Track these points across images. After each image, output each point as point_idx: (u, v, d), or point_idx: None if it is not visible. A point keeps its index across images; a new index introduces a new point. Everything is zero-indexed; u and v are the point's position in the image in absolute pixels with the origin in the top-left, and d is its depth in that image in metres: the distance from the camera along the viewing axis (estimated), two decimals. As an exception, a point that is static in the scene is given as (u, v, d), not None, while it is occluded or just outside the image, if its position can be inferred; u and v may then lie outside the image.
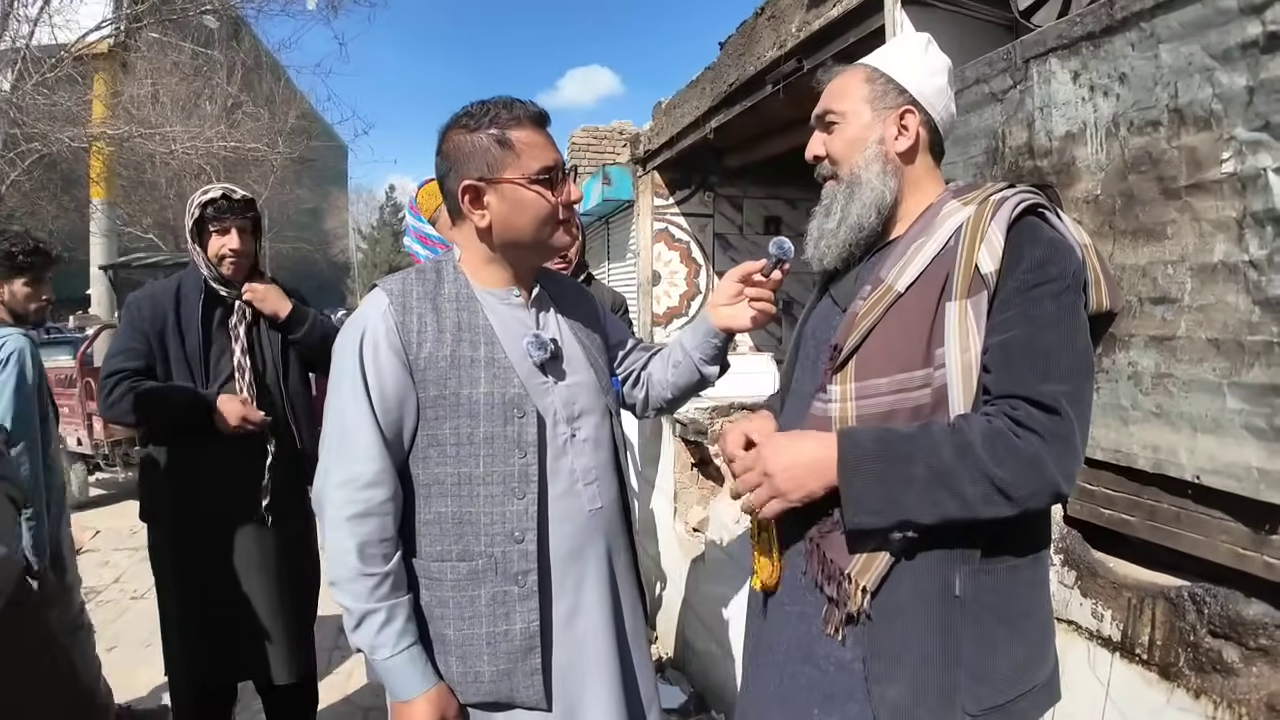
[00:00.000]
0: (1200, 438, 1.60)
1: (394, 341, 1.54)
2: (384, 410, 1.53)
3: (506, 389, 1.57)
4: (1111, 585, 1.77)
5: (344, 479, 1.52)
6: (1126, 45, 1.72)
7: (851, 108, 1.51)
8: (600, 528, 1.68)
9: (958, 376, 1.31)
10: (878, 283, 1.42)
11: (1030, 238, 1.34)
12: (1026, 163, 2.01)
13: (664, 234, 7.60)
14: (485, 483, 1.55)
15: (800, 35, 4.47)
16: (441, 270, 1.65)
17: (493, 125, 1.54)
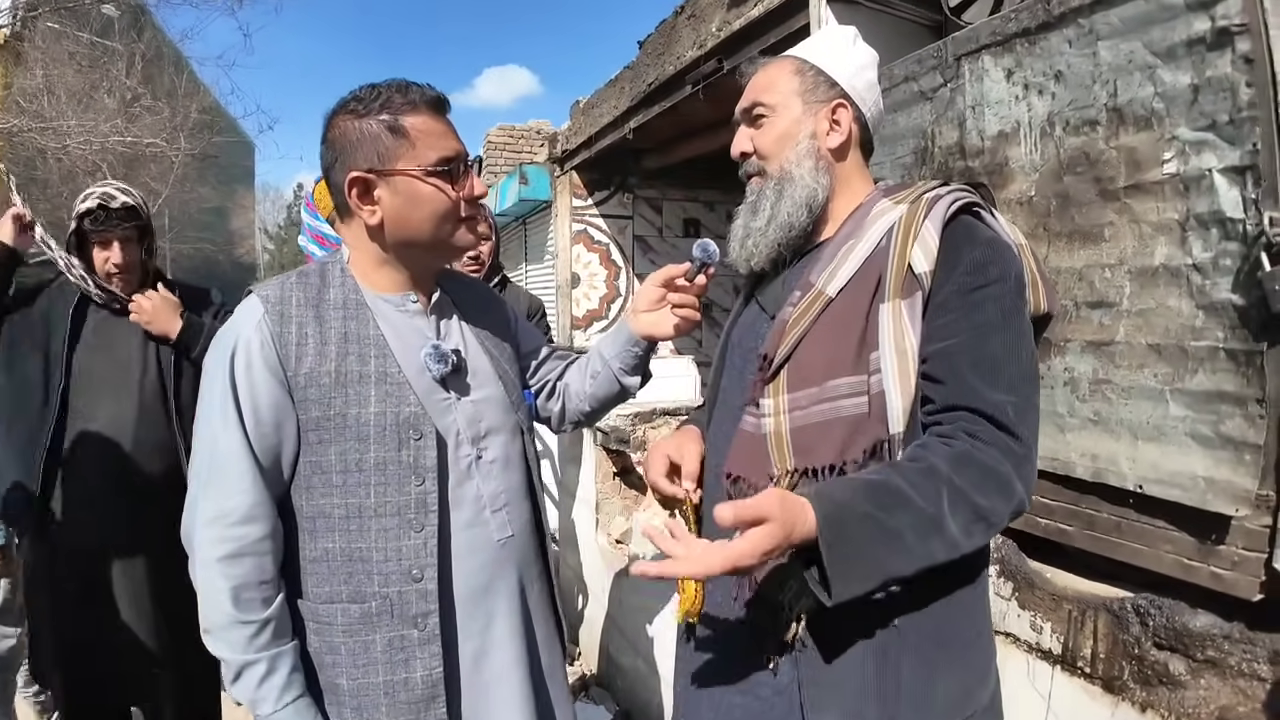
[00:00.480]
0: (1142, 445, 1.56)
1: (269, 356, 1.35)
2: (259, 435, 1.35)
3: (401, 408, 1.39)
4: (1050, 596, 1.72)
5: (214, 514, 1.33)
6: (1063, 42, 1.68)
7: (781, 101, 1.41)
8: (511, 559, 1.51)
9: (895, 380, 1.21)
10: (807, 287, 1.33)
11: (967, 237, 1.26)
12: (957, 163, 1.95)
13: (583, 235, 7.47)
14: (377, 515, 1.37)
15: (720, 35, 4.41)
16: (327, 274, 1.46)
17: (384, 110, 1.37)
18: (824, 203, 1.39)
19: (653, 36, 5.44)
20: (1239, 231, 1.39)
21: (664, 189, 7.61)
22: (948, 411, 1.21)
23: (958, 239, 1.25)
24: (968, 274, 1.23)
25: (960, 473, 1.14)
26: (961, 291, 1.22)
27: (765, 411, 1.31)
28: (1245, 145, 1.37)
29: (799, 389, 1.28)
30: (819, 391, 1.27)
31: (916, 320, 1.22)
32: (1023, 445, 1.18)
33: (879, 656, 1.23)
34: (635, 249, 7.61)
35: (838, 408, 1.26)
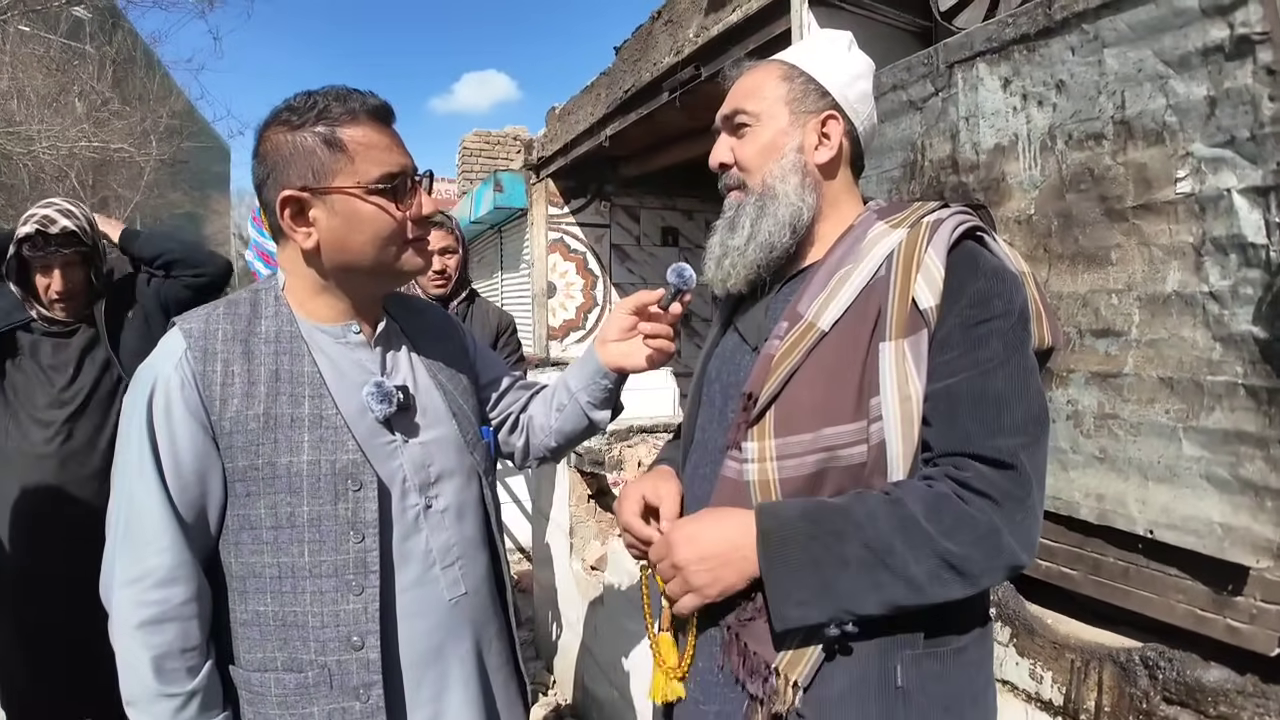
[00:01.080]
0: (1153, 487, 1.44)
1: (191, 398, 1.21)
2: (180, 487, 1.20)
3: (337, 455, 1.24)
4: (1052, 644, 1.60)
5: (133, 575, 1.18)
6: (1066, 49, 1.56)
7: (767, 109, 1.27)
8: (465, 618, 1.35)
9: (897, 429, 1.10)
10: (796, 318, 1.19)
11: (970, 267, 1.14)
12: (949, 178, 1.83)
13: (559, 244, 7.34)
14: (312, 575, 1.22)
15: (698, 41, 4.29)
16: (259, 303, 1.30)
17: (320, 121, 1.22)
18: (809, 223, 1.26)
19: (629, 43, 5.32)
20: (1261, 258, 1.27)
21: (641, 197, 7.50)
22: (946, 456, 1.09)
23: (962, 268, 1.13)
24: (971, 307, 1.10)
25: (932, 514, 1.04)
26: (964, 326, 1.10)
27: (749, 457, 1.18)
28: (1268, 164, 1.26)
29: (789, 434, 1.15)
30: (813, 439, 1.14)
31: (922, 361, 1.10)
32: (1020, 490, 1.06)
33: None
34: (612, 258, 7.48)
35: (834, 457, 1.13)
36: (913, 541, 1.04)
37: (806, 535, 1.08)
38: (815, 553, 1.07)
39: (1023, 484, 1.06)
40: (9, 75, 13.67)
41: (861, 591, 1.06)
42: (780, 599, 1.08)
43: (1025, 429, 1.08)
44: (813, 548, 1.07)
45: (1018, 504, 1.05)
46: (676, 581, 1.17)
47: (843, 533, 1.06)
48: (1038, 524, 1.08)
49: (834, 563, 1.06)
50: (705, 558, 1.14)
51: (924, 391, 1.10)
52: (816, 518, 1.09)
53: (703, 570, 1.14)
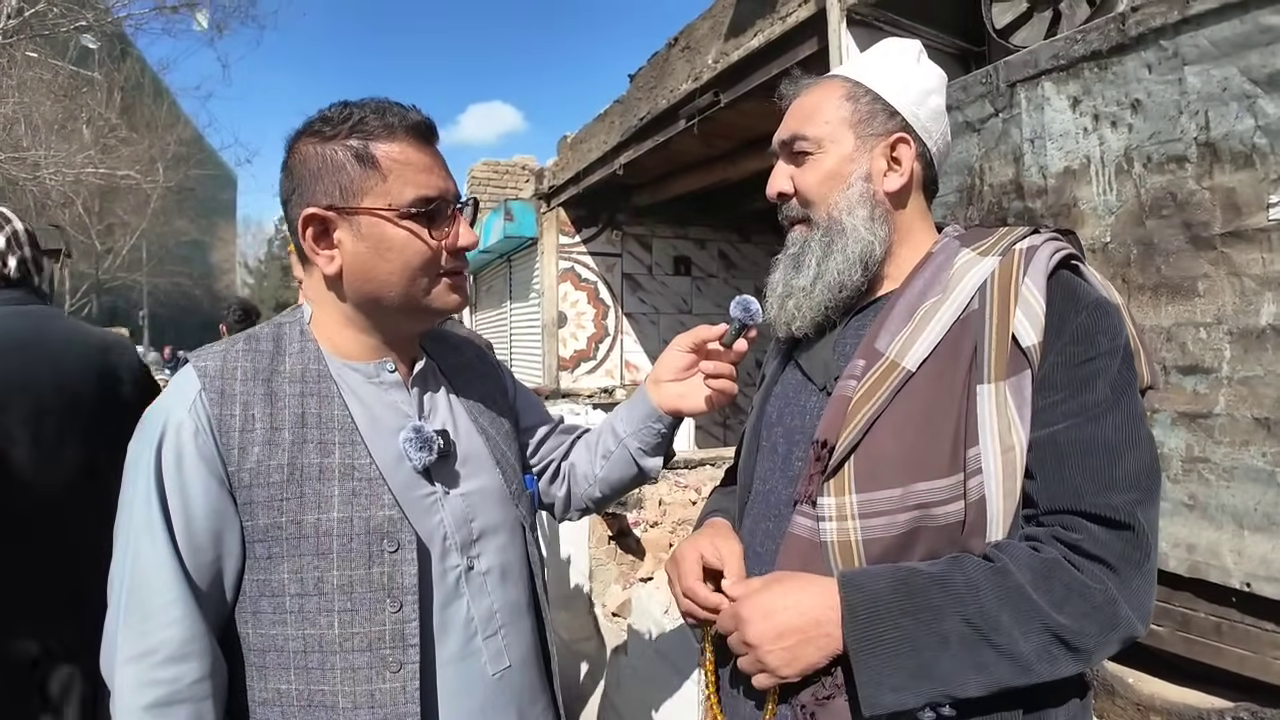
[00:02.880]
0: (1249, 536, 1.33)
1: (205, 447, 1.06)
2: (192, 549, 1.06)
3: (371, 511, 1.09)
4: (1135, 706, 1.48)
5: (137, 651, 1.03)
6: (1142, 67, 1.47)
7: (830, 133, 1.15)
8: (510, 695, 1.20)
9: (998, 484, 0.97)
10: (874, 356, 1.07)
11: (1070, 299, 1.02)
12: (1013, 203, 1.74)
13: (570, 273, 7.27)
14: (343, 650, 1.07)
15: (718, 67, 4.24)
16: (282, 337, 1.17)
17: (354, 134, 1.09)
18: (882, 258, 1.14)
19: (644, 69, 5.27)
20: (1375, 288, 1.17)
21: (653, 226, 7.44)
22: (1053, 514, 0.97)
23: (1061, 301, 1.01)
24: (1074, 344, 0.99)
25: (1041, 583, 0.92)
26: (1067, 365, 0.98)
27: (826, 514, 1.04)
28: (1385, 187, 1.15)
29: (874, 489, 1.02)
30: (902, 495, 1.01)
31: (1025, 406, 0.98)
32: (1138, 553, 0.94)
33: None
34: (624, 287, 7.41)
35: (927, 516, 1.00)
36: (1021, 615, 0.92)
37: (900, 610, 0.95)
38: (910, 630, 0.94)
39: (1140, 546, 0.94)
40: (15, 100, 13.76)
41: (963, 672, 0.93)
42: (872, 683, 0.95)
43: (1139, 482, 0.96)
44: (907, 624, 0.94)
45: (1135, 569, 0.94)
46: (749, 660, 1.03)
47: (941, 607, 0.93)
48: (1154, 590, 0.96)
49: (932, 642, 0.93)
50: (783, 634, 1.01)
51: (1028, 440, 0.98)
52: (911, 589, 0.95)
53: (780, 649, 1.01)
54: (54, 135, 14.18)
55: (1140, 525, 0.93)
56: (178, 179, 20.03)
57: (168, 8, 11.93)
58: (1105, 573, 0.92)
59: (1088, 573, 0.92)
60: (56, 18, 11.57)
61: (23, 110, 13.60)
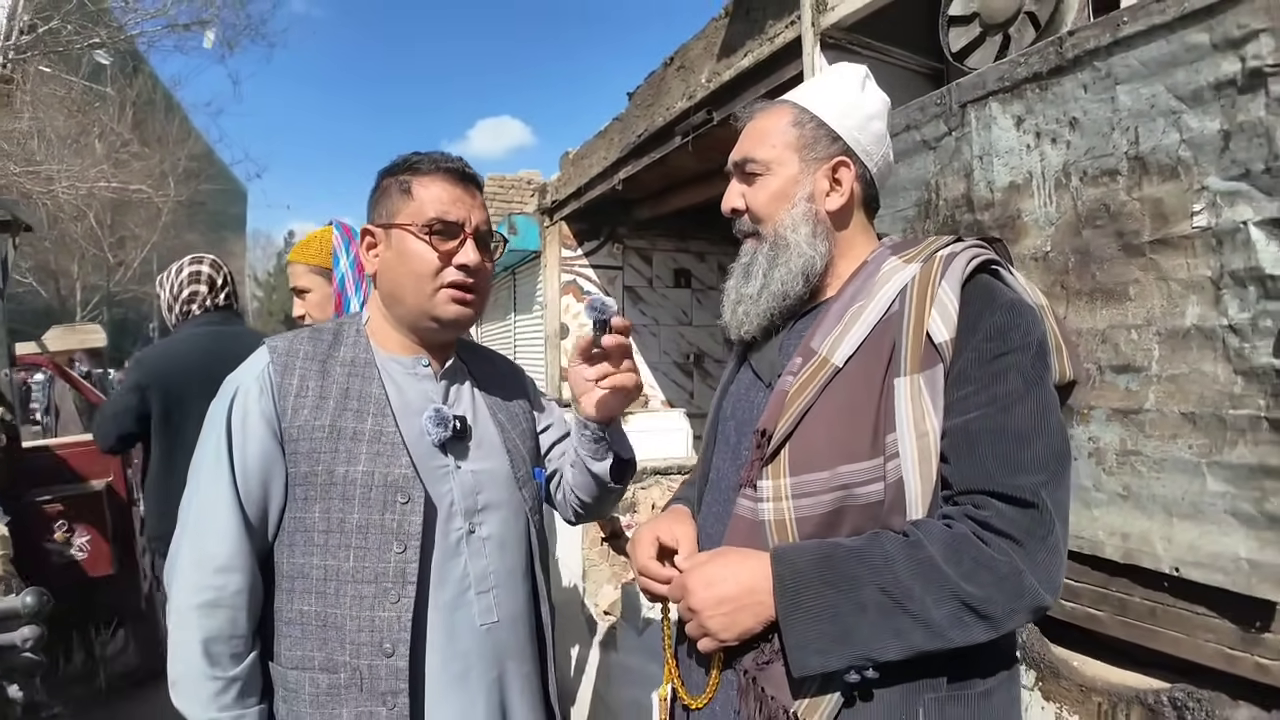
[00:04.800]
0: (1178, 524, 1.42)
1: (266, 406, 1.34)
2: (246, 485, 1.32)
3: (390, 469, 1.32)
4: (1079, 687, 1.57)
5: (195, 559, 1.30)
6: (1078, 87, 1.57)
7: (776, 156, 1.27)
8: (493, 648, 1.38)
9: (914, 466, 1.08)
10: (809, 354, 1.19)
11: (987, 300, 1.13)
12: (964, 216, 1.84)
13: (572, 286, 7.38)
14: (354, 580, 1.30)
15: (710, 86, 4.35)
16: (341, 332, 1.46)
17: (405, 171, 1.40)
18: (823, 270, 1.26)
19: (642, 88, 5.39)
20: None
21: (654, 239, 7.55)
22: (965, 494, 1.07)
23: (977, 302, 1.13)
24: (987, 340, 1.10)
25: (951, 556, 1.03)
26: (981, 360, 1.09)
27: (764, 496, 1.16)
28: (1284, 196, 1.25)
29: (805, 472, 1.14)
30: (829, 477, 1.12)
31: (938, 396, 1.09)
32: (1042, 529, 1.04)
33: None
34: (625, 300, 7.51)
35: (851, 495, 1.11)
36: (932, 585, 1.02)
37: (822, 581, 1.06)
38: (832, 599, 1.05)
39: (1045, 523, 1.04)
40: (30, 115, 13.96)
41: (881, 637, 1.04)
42: (798, 647, 1.06)
43: (1046, 465, 1.06)
44: (829, 594, 1.05)
45: (1040, 543, 1.04)
46: (693, 625, 1.15)
47: (859, 578, 1.05)
48: (1061, 563, 1.06)
49: (852, 609, 1.04)
50: (722, 601, 1.12)
51: (941, 427, 1.09)
52: (833, 562, 1.07)
53: (719, 615, 1.12)
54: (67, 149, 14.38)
55: (1044, 504, 1.04)
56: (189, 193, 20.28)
57: (179, 25, 12.11)
58: (1011, 546, 1.02)
59: (995, 547, 1.02)
60: (70, 34, 11.76)
61: (36, 125, 13.81)
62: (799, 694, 1.09)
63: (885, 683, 1.08)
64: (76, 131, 15.22)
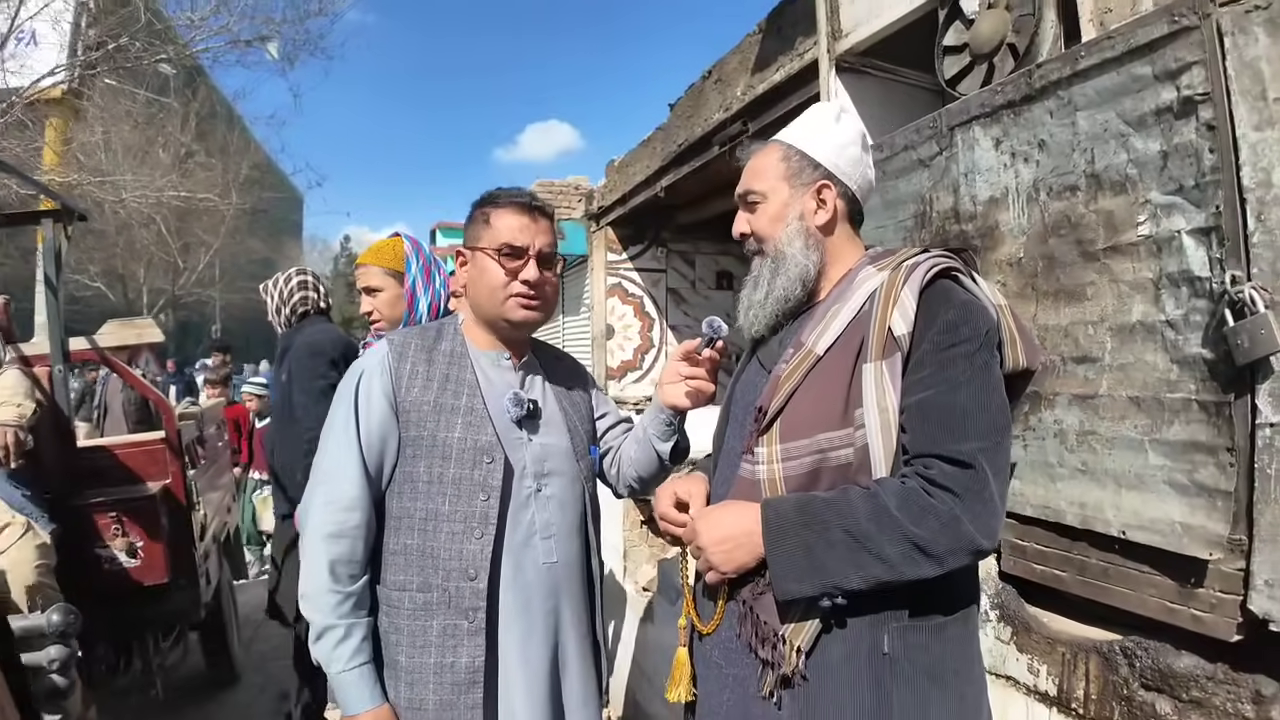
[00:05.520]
0: (1125, 494, 1.63)
1: (385, 384, 1.71)
2: (368, 444, 1.68)
3: (479, 436, 1.70)
4: (1046, 640, 1.78)
5: (326, 499, 1.67)
6: (1045, 113, 1.78)
7: (770, 186, 1.54)
8: (553, 583, 1.74)
9: (877, 434, 1.33)
10: (799, 346, 1.45)
11: (943, 300, 1.37)
12: (953, 226, 2.06)
13: (617, 288, 7.64)
14: (449, 520, 1.67)
15: (745, 99, 4.58)
16: (443, 330, 1.85)
17: (488, 205, 1.77)
18: (816, 275, 1.51)
19: (683, 100, 5.64)
20: (1206, 289, 1.47)
21: (696, 243, 7.77)
22: (918, 458, 1.31)
23: (934, 302, 1.37)
24: (941, 333, 1.33)
25: (902, 505, 1.26)
26: (935, 350, 1.33)
27: (760, 460, 1.42)
28: (1209, 208, 1.46)
29: (791, 440, 1.40)
30: (810, 443, 1.39)
31: (896, 379, 1.33)
32: (977, 485, 1.27)
33: (874, 687, 1.33)
34: (669, 301, 7.75)
35: (827, 458, 1.37)
36: (885, 528, 1.27)
37: (799, 524, 1.32)
38: (806, 538, 1.31)
39: (980, 480, 1.28)
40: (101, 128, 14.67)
41: (845, 569, 1.29)
42: (780, 576, 1.32)
43: (986, 435, 1.30)
44: (804, 534, 1.31)
45: (975, 496, 1.27)
46: (702, 561, 1.42)
47: (829, 521, 1.30)
48: (995, 513, 1.29)
49: (822, 547, 1.29)
50: (723, 540, 1.39)
51: (900, 404, 1.33)
52: (808, 509, 1.33)
53: (720, 551, 1.39)
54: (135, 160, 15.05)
55: (981, 465, 1.28)
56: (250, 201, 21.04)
57: (241, 42, 12.60)
58: (952, 499, 1.26)
59: (937, 498, 1.27)
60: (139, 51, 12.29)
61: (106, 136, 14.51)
62: (786, 619, 1.35)
63: (856, 613, 1.33)
64: (144, 143, 15.95)
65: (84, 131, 14.28)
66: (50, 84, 11.71)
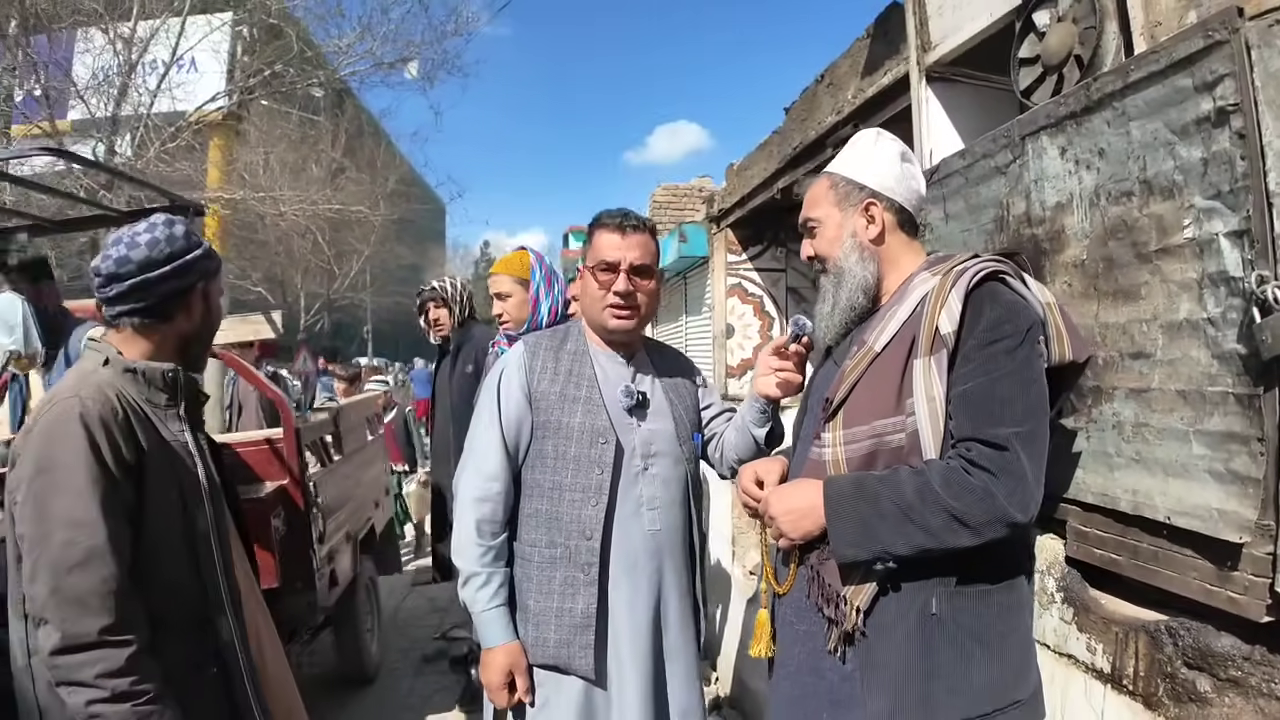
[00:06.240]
0: (1171, 481, 1.73)
1: (521, 379, 2.10)
2: (508, 427, 2.07)
3: (596, 421, 2.05)
4: (1102, 620, 1.89)
5: (475, 470, 2.08)
6: (1103, 123, 1.89)
7: (824, 213, 1.77)
8: (655, 548, 2.06)
9: (926, 421, 1.52)
10: (861, 344, 1.66)
11: (990, 301, 1.54)
12: (1025, 230, 2.17)
13: (737, 289, 7.83)
14: (570, 490, 2.02)
15: (855, 101, 4.69)
16: (569, 332, 2.22)
17: (592, 225, 2.14)
18: (876, 284, 1.71)
19: (797, 104, 5.78)
20: (1240, 288, 1.56)
21: (816, 243, 7.83)
22: (961, 442, 1.49)
23: (981, 302, 1.54)
24: (985, 331, 1.51)
25: (944, 482, 1.45)
26: (980, 345, 1.51)
27: (826, 444, 1.64)
28: (1242, 211, 1.55)
29: (852, 425, 1.61)
30: (868, 429, 1.59)
31: (943, 372, 1.52)
32: (1012, 465, 1.44)
33: (921, 643, 1.52)
34: (788, 300, 7.87)
35: (882, 442, 1.57)
36: (928, 501, 1.45)
37: (855, 497, 1.53)
38: (861, 510, 1.51)
39: (1013, 460, 1.44)
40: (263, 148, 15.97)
41: (894, 537, 1.48)
42: (837, 542, 1.53)
43: (1021, 421, 1.46)
44: (859, 506, 1.51)
45: (1008, 474, 1.44)
46: (773, 528, 1.65)
47: (880, 496, 1.50)
48: (1029, 493, 1.45)
49: (874, 518, 1.50)
50: (790, 511, 1.61)
51: (946, 394, 1.51)
52: (863, 485, 1.53)
53: (788, 520, 1.61)
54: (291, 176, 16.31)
55: (1014, 447, 1.45)
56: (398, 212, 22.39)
57: (384, 64, 13.45)
58: (987, 477, 1.44)
59: (975, 476, 1.45)
60: (292, 77, 13.33)
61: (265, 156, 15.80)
62: (847, 581, 1.56)
63: (909, 578, 1.53)
64: (299, 160, 17.26)
65: (245, 151, 15.62)
66: (213, 109, 12.85)
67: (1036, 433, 1.49)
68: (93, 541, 1.53)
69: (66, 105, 11.91)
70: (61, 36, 11.61)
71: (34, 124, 11.41)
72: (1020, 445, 1.45)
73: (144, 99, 11.78)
